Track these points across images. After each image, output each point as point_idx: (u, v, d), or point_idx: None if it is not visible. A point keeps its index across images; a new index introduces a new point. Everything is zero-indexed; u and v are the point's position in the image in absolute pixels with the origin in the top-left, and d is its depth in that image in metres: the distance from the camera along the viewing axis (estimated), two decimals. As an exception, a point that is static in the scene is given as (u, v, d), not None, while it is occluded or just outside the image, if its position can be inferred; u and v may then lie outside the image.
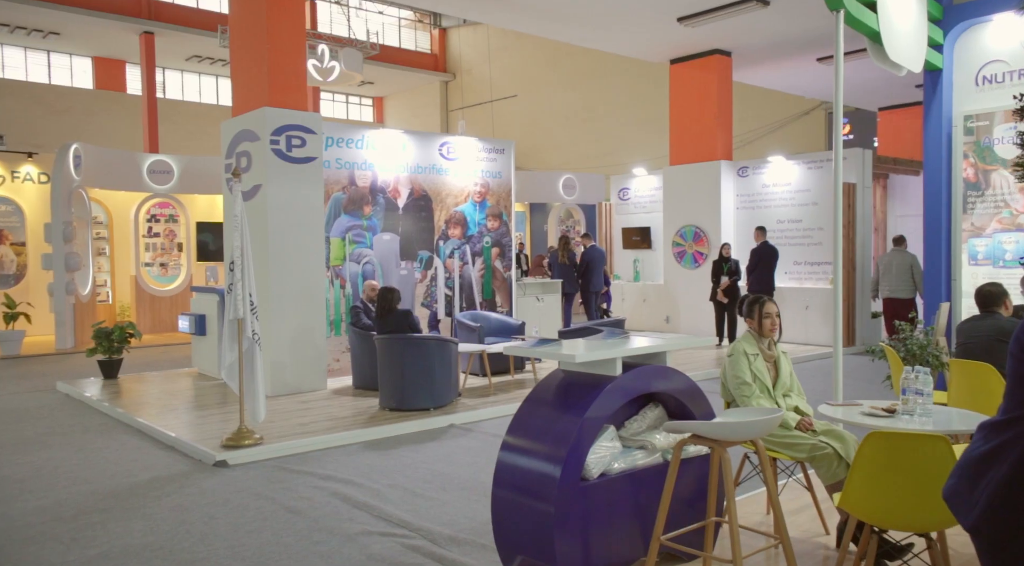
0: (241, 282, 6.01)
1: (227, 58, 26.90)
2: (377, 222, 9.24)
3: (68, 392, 8.82)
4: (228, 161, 8.72)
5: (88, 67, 26.49)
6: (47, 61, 25.94)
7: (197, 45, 24.79)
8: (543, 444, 3.25)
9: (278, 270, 8.06)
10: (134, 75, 26.62)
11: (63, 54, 26.06)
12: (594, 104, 25.56)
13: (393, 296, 7.38)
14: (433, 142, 9.71)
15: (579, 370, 3.48)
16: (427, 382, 7.11)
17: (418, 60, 30.27)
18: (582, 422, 3.19)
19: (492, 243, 10.28)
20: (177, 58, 26.34)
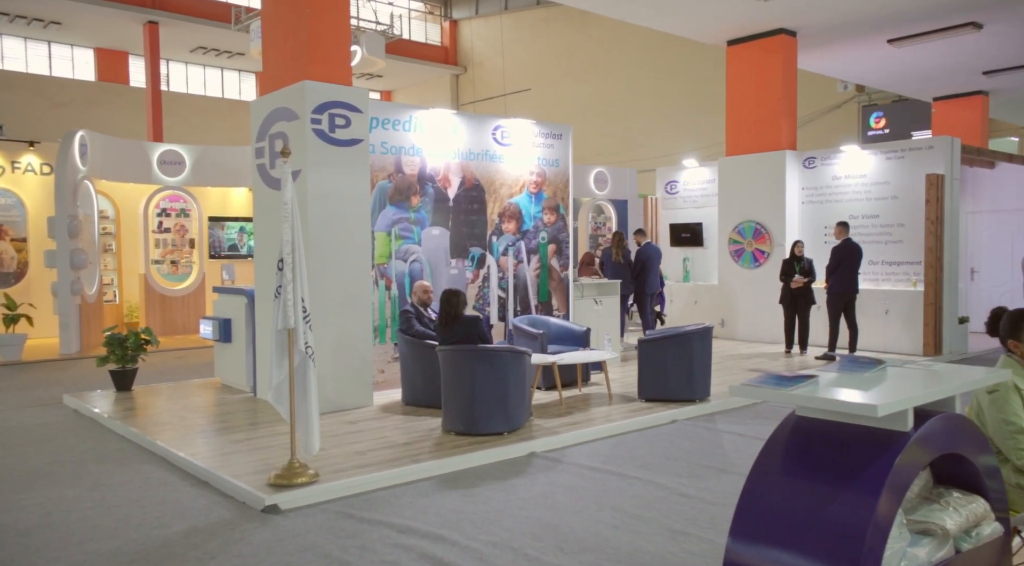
0: (292, 284, 4.94)
1: (233, 49, 26.03)
2: (426, 215, 8.17)
3: (76, 407, 7.76)
4: (259, 145, 7.65)
5: (90, 58, 25.59)
6: (48, 52, 25.01)
7: (203, 36, 23.85)
8: (811, 547, 2.16)
9: (319, 269, 7.00)
10: (137, 67, 25.73)
11: (64, 45, 25.12)
12: (610, 98, 24.51)
13: (459, 300, 6.31)
14: (486, 125, 8.65)
15: (832, 419, 2.40)
16: (501, 402, 6.05)
17: (428, 53, 29.21)
18: (873, 509, 2.10)
19: (549, 239, 9.21)
20: (182, 49, 25.41)
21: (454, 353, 6.08)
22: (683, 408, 7.05)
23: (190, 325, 14.92)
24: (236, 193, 16.55)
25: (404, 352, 7.28)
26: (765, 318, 11.72)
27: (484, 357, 6.02)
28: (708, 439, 6.20)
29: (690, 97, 21.95)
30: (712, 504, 4.57)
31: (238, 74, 29.40)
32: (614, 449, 5.92)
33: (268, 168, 7.50)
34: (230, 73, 29.35)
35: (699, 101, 21.67)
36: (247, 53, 17.10)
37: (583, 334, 8.23)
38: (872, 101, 22.63)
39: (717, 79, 21.58)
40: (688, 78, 21.99)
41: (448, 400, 6.14)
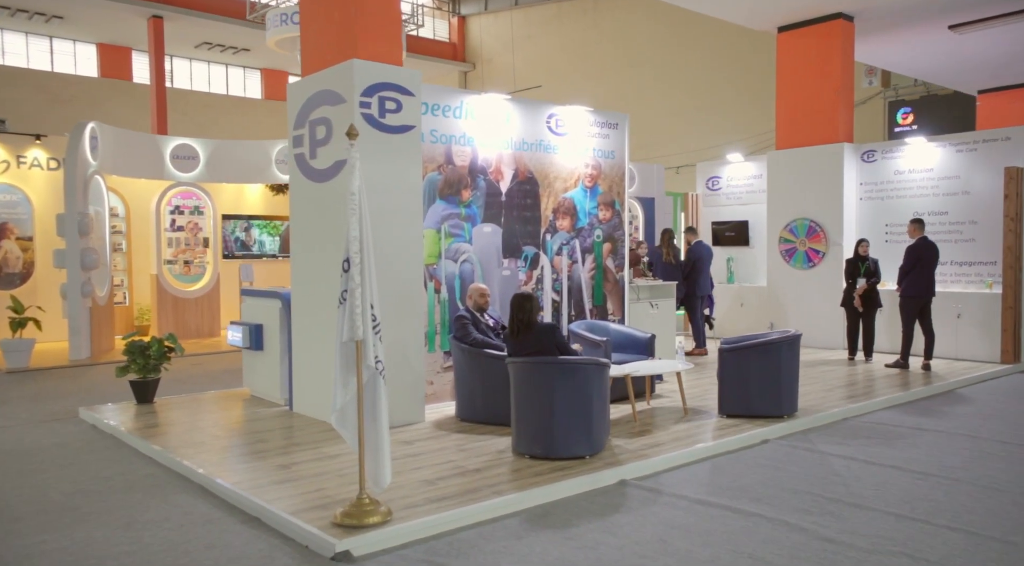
0: (360, 289, 4.21)
1: (239, 45, 25.32)
2: (477, 210, 7.44)
3: (95, 422, 7.03)
4: (298, 132, 6.92)
5: (93, 54, 24.88)
6: (49, 47, 24.29)
7: (208, 31, 23.16)
8: None
9: (368, 270, 6.26)
10: (141, 63, 25.06)
11: (66, 40, 24.41)
12: (626, 94, 23.77)
13: (532, 306, 5.57)
14: (540, 112, 7.92)
15: None
16: (583, 421, 5.33)
17: (435, 49, 28.47)
18: None
19: (604, 237, 8.48)
20: (186, 45, 24.74)
21: (529, 366, 5.35)
22: (771, 426, 6.32)
23: (204, 328, 14.20)
24: (251, 190, 15.83)
25: (459, 362, 6.55)
26: (820, 322, 11.00)
27: (564, 371, 5.29)
28: (815, 464, 5.47)
29: (717, 91, 21.21)
30: (868, 552, 3.84)
31: (243, 71, 28.69)
32: (713, 476, 5.20)
33: (308, 158, 6.77)
34: (235, 69, 28.66)
35: (728, 95, 20.94)
36: (267, 42, 16.32)
37: (647, 341, 7.52)
38: (899, 97, 21.93)
39: (751, 70, 20.94)
40: (715, 70, 21.27)
41: (521, 419, 5.41)
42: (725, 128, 20.73)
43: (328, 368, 6.51)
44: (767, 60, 19.62)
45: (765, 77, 19.90)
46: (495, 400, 6.35)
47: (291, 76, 29.33)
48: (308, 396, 6.92)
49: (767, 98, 19.52)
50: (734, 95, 20.71)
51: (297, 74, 29.35)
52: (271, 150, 14.80)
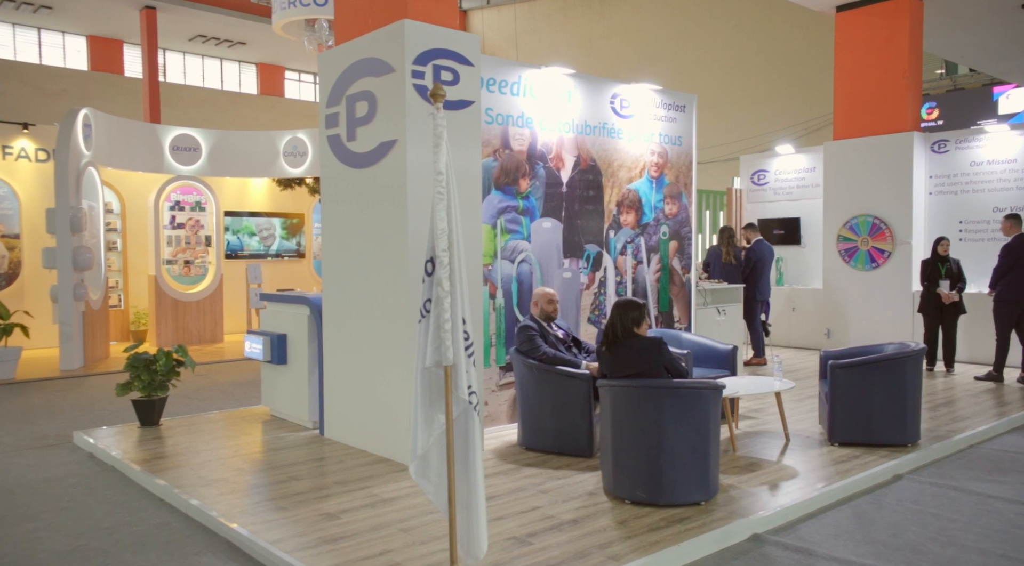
0: (450, 299, 3.20)
1: (235, 38, 24.27)
2: (536, 202, 6.44)
3: (92, 450, 5.99)
4: (332, 110, 5.89)
5: (83, 46, 23.85)
6: (38, 39, 23.20)
7: (202, 23, 22.13)
8: None
9: (418, 274, 5.24)
10: (132, 56, 24.01)
11: (55, 31, 23.33)
12: (631, 91, 22.76)
13: (638, 315, 4.54)
14: (604, 91, 6.92)
15: None
16: (698, 459, 4.33)
17: None
18: None
19: (670, 235, 7.50)
20: (179, 38, 23.72)
21: (632, 391, 4.35)
22: (899, 457, 5.34)
23: (205, 334, 13.14)
24: (255, 184, 14.77)
25: (524, 380, 5.54)
26: (884, 328, 10.04)
27: (678, 397, 4.29)
28: (978, 510, 4.49)
29: (745, 83, 20.24)
30: None
31: (238, 65, 27.64)
32: (863, 528, 4.21)
33: (344, 140, 5.75)
34: (230, 63, 27.63)
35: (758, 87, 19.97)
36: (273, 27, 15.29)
37: (728, 354, 6.53)
38: (923, 90, 21.01)
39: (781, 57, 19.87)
40: (740, 61, 20.30)
41: (620, 455, 4.41)
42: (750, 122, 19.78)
43: (367, 388, 5.50)
44: (802, 45, 18.71)
45: (798, 63, 18.96)
46: (570, 426, 5.36)
47: (288, 71, 28.29)
48: (343, 419, 5.90)
49: (801, 86, 18.55)
50: (764, 86, 19.76)
51: (296, 69, 28.29)
52: (279, 142, 13.75)
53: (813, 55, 18.10)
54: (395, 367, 5.31)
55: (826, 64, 13.07)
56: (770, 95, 19.67)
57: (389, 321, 5.34)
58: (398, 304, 5.25)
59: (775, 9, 18.93)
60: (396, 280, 5.27)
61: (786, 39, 19.23)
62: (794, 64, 19.10)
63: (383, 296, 5.40)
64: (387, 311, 5.36)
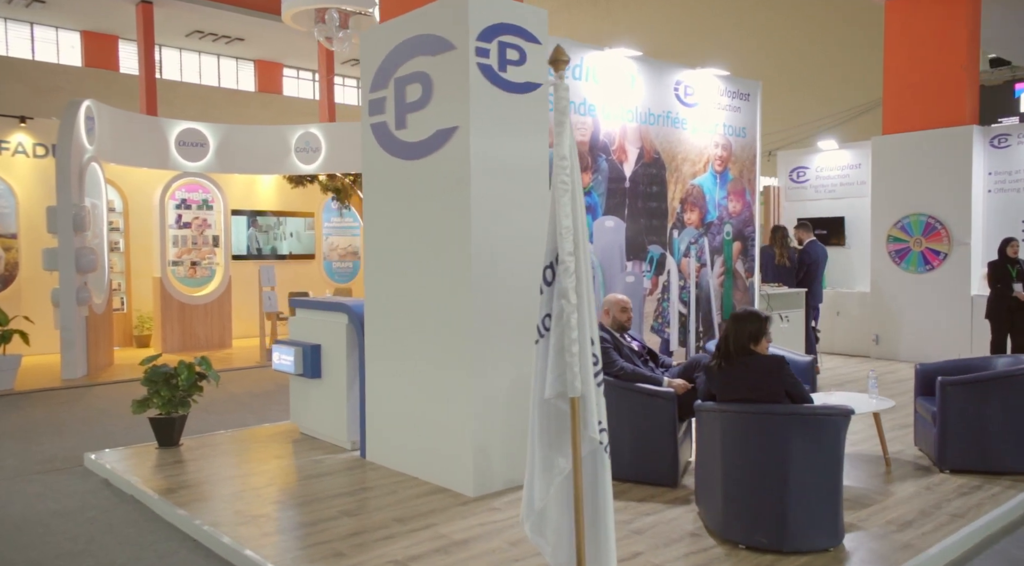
0: (577, 314, 2.57)
1: (233, 34, 23.56)
2: (598, 199, 5.82)
3: (107, 476, 5.34)
4: (377, 95, 5.25)
5: (77, 42, 23.11)
6: (30, 34, 22.46)
7: (199, 18, 21.43)
8: None
9: (483, 280, 4.63)
10: (128, 52, 23.30)
11: (48, 27, 22.62)
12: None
13: (759, 328, 3.91)
14: (667, 77, 6.30)
15: None
16: (828, 498, 3.71)
17: None
18: None
19: (733, 235, 6.89)
20: (176, 34, 23.03)
21: (747, 418, 3.72)
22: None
23: (213, 339, 12.48)
24: (264, 182, 14.10)
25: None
26: (939, 334, 9.47)
27: (805, 425, 3.67)
28: None
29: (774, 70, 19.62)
30: None
31: (236, 62, 26.95)
32: (1023, 576, 3.60)
33: (392, 128, 5.11)
34: (227, 60, 26.94)
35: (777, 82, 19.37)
36: (282, 17, 14.66)
37: (807, 366, 5.90)
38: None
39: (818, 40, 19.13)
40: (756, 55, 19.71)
41: (732, 492, 3.78)
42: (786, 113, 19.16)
43: (420, 408, 4.86)
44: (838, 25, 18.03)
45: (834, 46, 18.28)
46: (652, 451, 4.74)
47: (286, 68, 27.59)
48: (389, 442, 5.26)
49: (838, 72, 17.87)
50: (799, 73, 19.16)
51: (294, 66, 27.58)
52: (290, 137, 13.09)
53: (851, 35, 17.43)
54: (454, 385, 4.68)
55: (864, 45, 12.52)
56: (806, 82, 19.01)
57: (448, 333, 4.71)
58: (459, 314, 4.62)
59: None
60: (457, 286, 4.64)
61: (822, 20, 18.61)
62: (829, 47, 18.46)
63: (440, 304, 4.77)
64: (445, 321, 4.73)
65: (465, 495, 4.61)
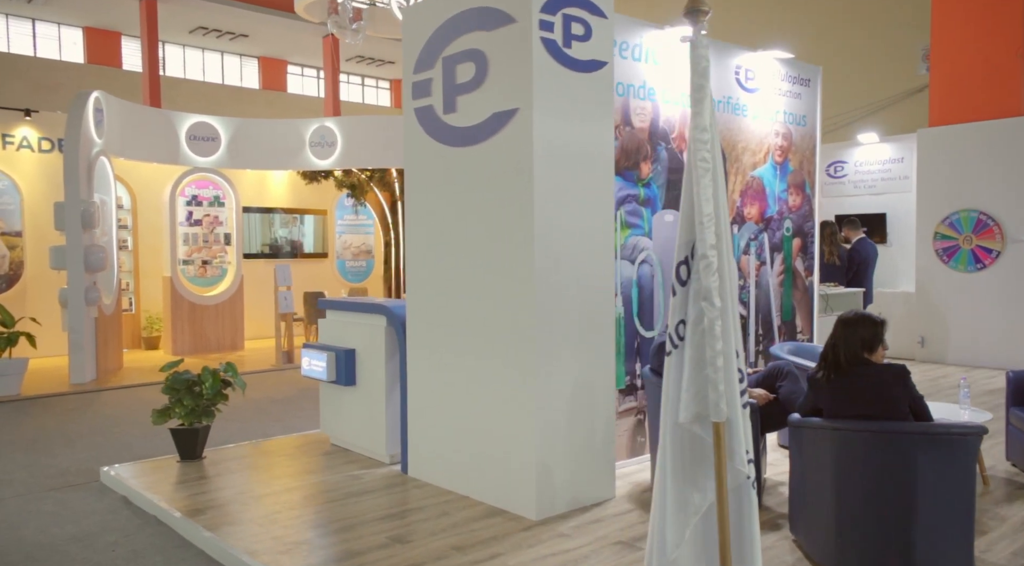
0: (722, 320, 2.11)
1: (237, 30, 23.12)
2: (657, 191, 5.36)
3: (127, 494, 4.88)
4: (421, 77, 4.79)
5: (79, 38, 22.73)
6: (32, 30, 22.07)
7: (203, 14, 21.03)
8: None
9: (547, 276, 4.17)
10: (131, 49, 22.91)
11: (50, 23, 22.22)
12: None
13: (873, 334, 3.43)
14: (728, 60, 5.84)
15: None
16: (961, 529, 3.25)
17: None
18: None
19: (793, 231, 6.42)
20: (179, 30, 22.65)
21: (866, 437, 3.26)
22: None
23: (225, 341, 12.03)
24: (275, 178, 13.65)
25: (667, 410, 4.44)
26: (991, 336, 9.02)
27: (934, 446, 3.21)
28: None
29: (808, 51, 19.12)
30: None
31: (240, 59, 26.53)
32: None
33: (440, 112, 4.65)
34: (231, 57, 26.53)
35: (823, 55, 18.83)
36: (295, 8, 14.25)
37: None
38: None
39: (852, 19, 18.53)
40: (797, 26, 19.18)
41: (846, 520, 3.32)
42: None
43: (470, 419, 4.41)
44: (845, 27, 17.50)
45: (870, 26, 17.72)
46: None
47: (290, 65, 27.15)
48: (435, 456, 4.80)
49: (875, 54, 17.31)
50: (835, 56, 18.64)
51: (298, 63, 27.11)
52: (305, 131, 12.63)
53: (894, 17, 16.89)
54: (513, 393, 4.22)
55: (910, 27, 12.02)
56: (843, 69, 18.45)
57: (507, 335, 4.25)
58: (520, 314, 4.16)
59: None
60: (518, 284, 4.18)
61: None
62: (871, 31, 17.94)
63: (498, 304, 4.31)
64: (504, 323, 4.27)
65: (526, 518, 4.15)
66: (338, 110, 20.22)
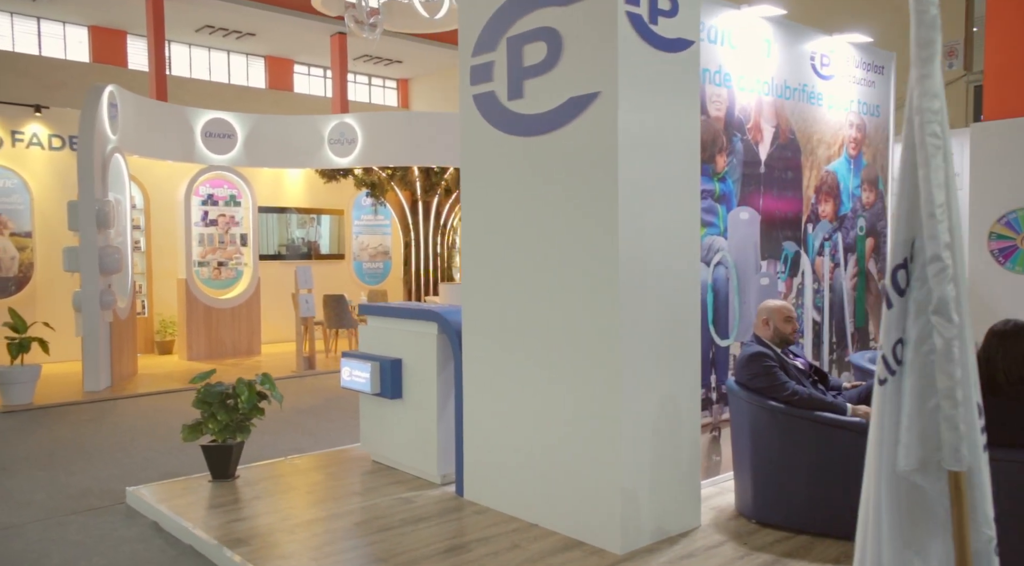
0: (960, 341, 1.66)
1: (244, 29, 22.74)
2: (733, 186, 4.91)
3: (157, 518, 4.44)
4: (482, 59, 4.34)
5: (84, 37, 22.39)
6: (37, 29, 21.72)
7: (210, 13, 20.66)
8: None
9: (632, 279, 3.72)
10: (136, 48, 22.56)
11: (55, 22, 21.88)
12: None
13: None
14: (802, 43, 5.38)
15: None
16: None
17: (452, 35, 25.95)
18: None
19: (866, 231, 5.97)
20: (186, 29, 22.31)
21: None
22: None
23: (241, 345, 11.60)
24: (291, 176, 13.22)
25: (758, 429, 4.00)
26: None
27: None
28: None
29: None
30: None
31: (246, 58, 26.17)
32: None
33: (504, 98, 4.21)
34: (237, 56, 26.17)
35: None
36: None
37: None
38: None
39: None
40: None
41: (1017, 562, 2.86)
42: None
43: (540, 440, 3.95)
44: None
45: None
46: (835, 496, 3.82)
47: (297, 65, 26.75)
48: (496, 479, 4.35)
49: None
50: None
51: (305, 62, 26.68)
52: (323, 127, 12.20)
53: None
54: (592, 409, 3.78)
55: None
56: None
57: (585, 344, 3.80)
58: (601, 321, 3.71)
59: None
60: (599, 288, 3.73)
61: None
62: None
63: (573, 312, 3.86)
64: (581, 334, 3.82)
65: (610, 552, 3.70)
66: (346, 110, 19.80)
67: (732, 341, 4.88)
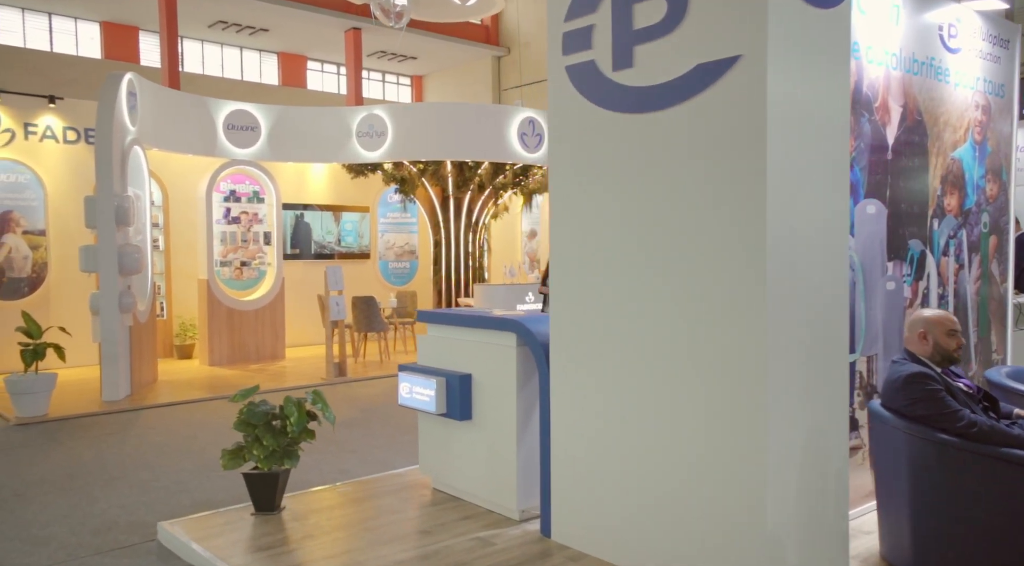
0: None
1: (257, 25, 22.19)
2: (860, 174, 4.21)
3: (198, 563, 3.78)
4: (576, 24, 3.65)
5: (96, 33, 21.96)
6: (48, 25, 21.26)
7: (224, 8, 20.11)
8: None
9: (781, 285, 3.03)
10: (148, 44, 22.09)
11: (67, 18, 21.44)
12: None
13: None
14: (931, 11, 4.67)
15: None
16: None
17: (466, 31, 25.18)
18: None
19: (989, 227, 5.26)
20: (198, 25, 21.82)
21: None
22: None
23: (265, 350, 10.97)
24: (315, 171, 12.58)
25: (919, 464, 3.31)
26: None
27: None
28: None
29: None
30: None
31: (259, 54, 25.64)
32: None
33: (607, 69, 3.52)
34: (250, 53, 25.64)
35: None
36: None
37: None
38: None
39: None
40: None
41: None
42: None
43: (653, 474, 3.26)
44: None
45: None
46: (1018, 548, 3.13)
47: (310, 61, 26.17)
48: (594, 517, 3.67)
49: None
50: None
51: (319, 59, 26.04)
52: (351, 120, 11.55)
53: None
54: (729, 445, 3.09)
55: None
56: None
57: (718, 369, 3.12)
58: (740, 340, 3.02)
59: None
60: (739, 295, 3.04)
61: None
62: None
63: (701, 326, 3.17)
64: (712, 351, 3.13)
65: (756, 616, 3.01)
66: (360, 105, 19.23)
67: (858, 355, 4.18)
